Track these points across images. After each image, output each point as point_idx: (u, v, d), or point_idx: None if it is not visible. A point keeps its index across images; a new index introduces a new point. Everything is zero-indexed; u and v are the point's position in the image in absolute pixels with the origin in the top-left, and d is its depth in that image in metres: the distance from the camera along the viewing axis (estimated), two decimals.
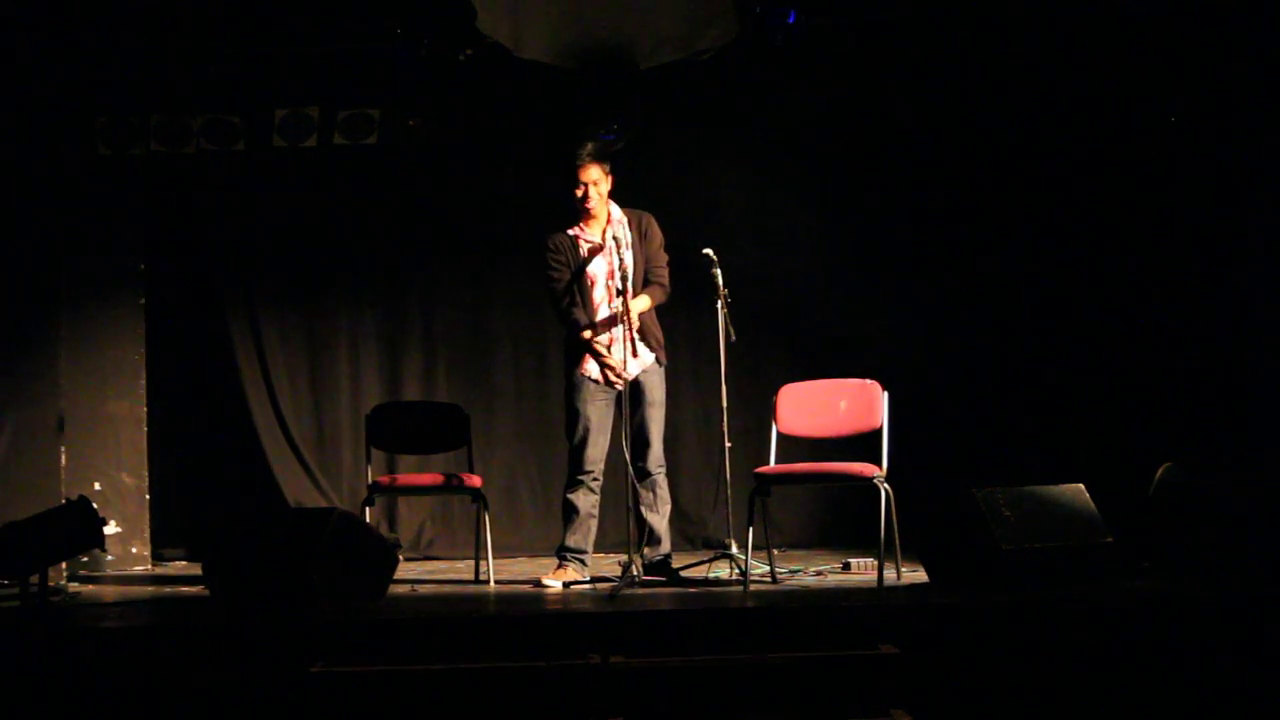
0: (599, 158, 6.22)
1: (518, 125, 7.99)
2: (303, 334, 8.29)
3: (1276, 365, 6.92)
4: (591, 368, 6.24)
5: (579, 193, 6.19)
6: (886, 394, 6.18)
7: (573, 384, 6.29)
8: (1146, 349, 7.59)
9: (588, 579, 6.20)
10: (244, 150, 7.81)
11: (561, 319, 6.32)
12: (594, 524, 6.31)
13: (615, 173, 6.28)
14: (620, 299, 6.05)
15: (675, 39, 7.38)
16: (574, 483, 6.29)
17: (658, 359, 6.28)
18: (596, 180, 6.19)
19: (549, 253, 6.29)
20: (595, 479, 6.27)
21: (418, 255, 8.21)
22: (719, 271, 6.21)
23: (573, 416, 6.29)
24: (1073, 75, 7.58)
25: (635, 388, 6.24)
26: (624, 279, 6.05)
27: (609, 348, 6.18)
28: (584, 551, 6.28)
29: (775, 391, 6.44)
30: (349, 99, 7.79)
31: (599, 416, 6.24)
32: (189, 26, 7.29)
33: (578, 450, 6.27)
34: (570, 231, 6.28)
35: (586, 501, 6.28)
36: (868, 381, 6.27)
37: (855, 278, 7.99)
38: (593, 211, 6.24)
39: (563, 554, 6.29)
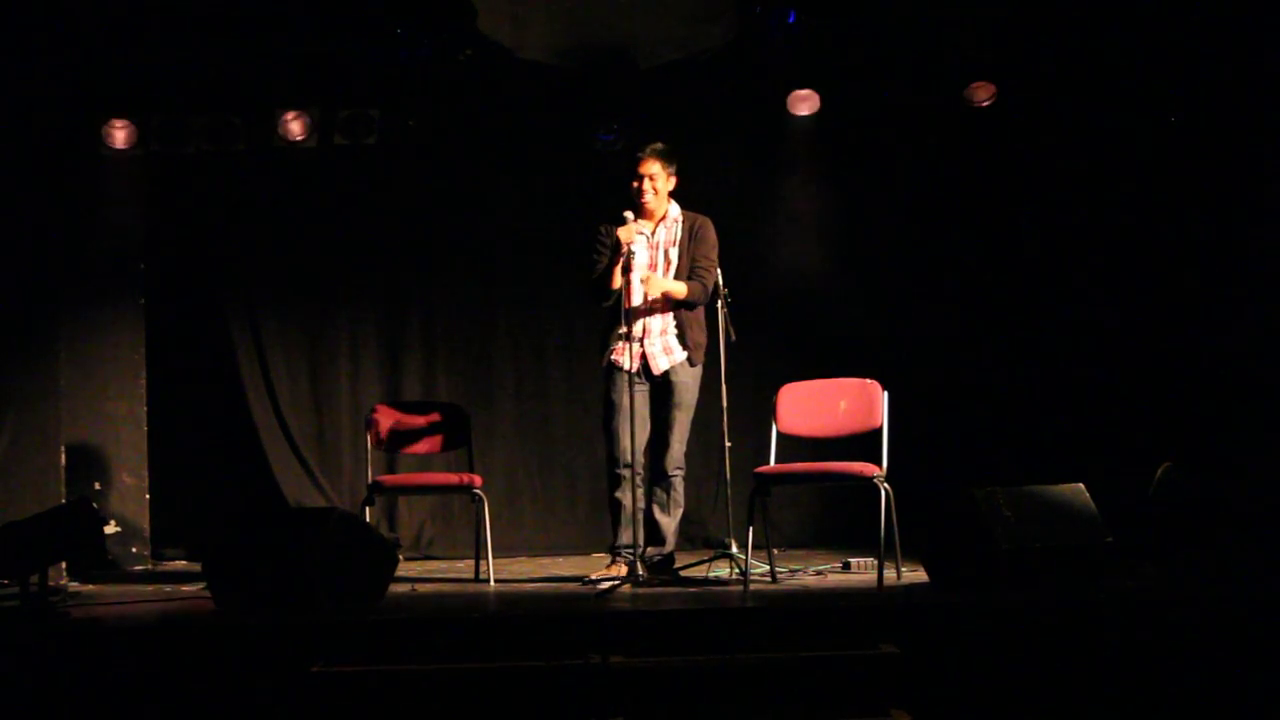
0: (663, 155, 6.22)
1: (518, 125, 7.99)
2: (303, 334, 8.28)
3: (1276, 366, 6.92)
4: (623, 358, 6.20)
5: (636, 185, 6.20)
6: (886, 394, 6.17)
7: (605, 375, 6.30)
8: (1147, 349, 7.59)
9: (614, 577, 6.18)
10: (244, 150, 7.81)
11: (593, 293, 6.26)
12: (641, 518, 6.24)
13: (616, 173, 6.29)
14: (639, 272, 6.04)
15: (675, 39, 7.39)
16: (614, 478, 6.25)
17: (690, 359, 6.26)
18: (654, 175, 6.19)
19: (596, 237, 6.26)
20: (636, 472, 6.19)
21: (418, 255, 8.20)
22: (719, 272, 6.22)
23: (606, 408, 6.29)
24: (1073, 75, 7.59)
25: (665, 387, 6.23)
26: (628, 254, 6.06)
27: (642, 340, 6.17)
28: (636, 548, 6.23)
29: (775, 391, 6.44)
30: (349, 99, 7.78)
31: (629, 405, 6.11)
32: (190, 26, 7.30)
33: (612, 442, 6.24)
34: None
35: (631, 497, 6.22)
36: (868, 381, 6.26)
37: (856, 278, 8.00)
38: (648, 206, 6.23)
39: (616, 552, 6.26)
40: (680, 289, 6.18)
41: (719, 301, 6.21)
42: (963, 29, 7.41)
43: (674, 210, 6.32)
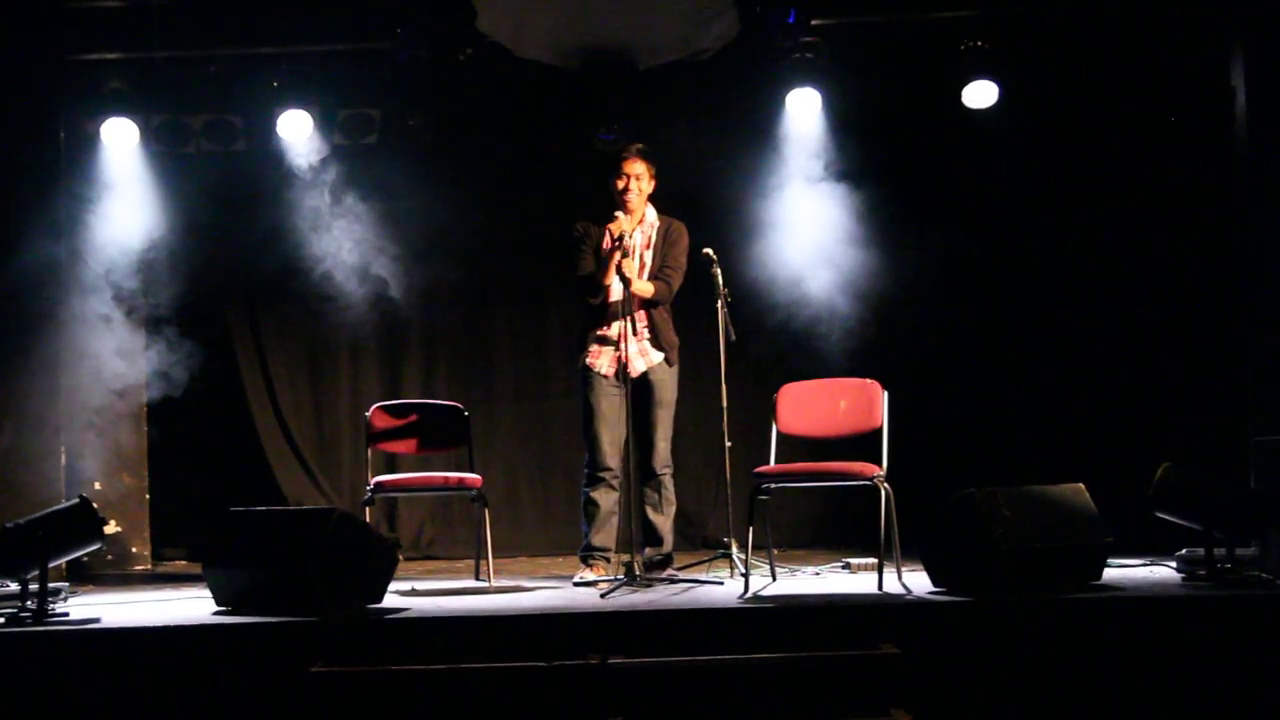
0: (648, 155, 6.26)
1: (517, 125, 7.98)
2: (303, 334, 8.29)
3: (1276, 365, 6.91)
4: (600, 362, 6.24)
5: (620, 184, 6.22)
6: (886, 394, 6.17)
7: (582, 378, 6.32)
8: (1147, 350, 7.59)
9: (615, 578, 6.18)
10: (244, 150, 7.81)
11: (584, 290, 6.30)
12: (615, 521, 6.28)
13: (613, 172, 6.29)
14: (619, 262, 6.03)
15: (675, 39, 7.39)
16: (593, 479, 6.28)
17: (667, 359, 6.29)
18: (639, 175, 6.24)
19: (575, 237, 6.31)
20: (615, 475, 6.24)
21: (417, 255, 8.20)
22: (719, 271, 6.22)
23: (585, 411, 6.31)
24: (1073, 76, 7.58)
25: (645, 387, 6.24)
26: (621, 255, 6.05)
27: (618, 341, 6.17)
28: (608, 550, 6.25)
29: (775, 391, 6.44)
30: (349, 99, 7.78)
31: (610, 409, 6.20)
32: (190, 26, 7.30)
33: (592, 445, 6.27)
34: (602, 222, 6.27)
35: (607, 499, 6.25)
36: (868, 381, 6.26)
37: (856, 277, 7.98)
38: (630, 205, 6.24)
39: (587, 555, 6.28)
40: (646, 289, 6.22)
41: (719, 302, 6.21)
42: (963, 29, 7.41)
43: (651, 214, 6.35)
